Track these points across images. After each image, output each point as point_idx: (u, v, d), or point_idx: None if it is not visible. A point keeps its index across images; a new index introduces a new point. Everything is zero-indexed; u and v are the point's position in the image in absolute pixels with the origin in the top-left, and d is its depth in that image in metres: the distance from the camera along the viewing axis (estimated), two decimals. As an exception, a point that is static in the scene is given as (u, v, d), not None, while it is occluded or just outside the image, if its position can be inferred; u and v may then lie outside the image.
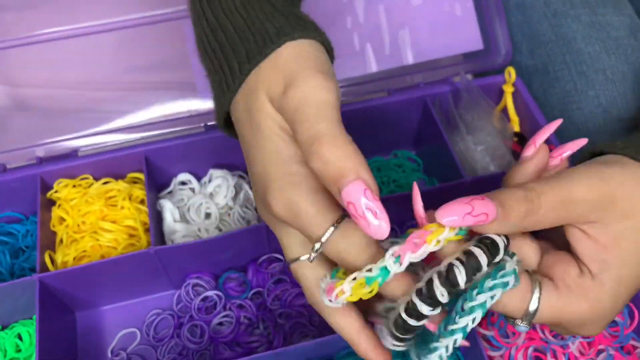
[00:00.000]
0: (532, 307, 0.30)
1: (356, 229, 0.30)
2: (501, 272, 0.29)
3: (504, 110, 0.63)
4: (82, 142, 0.59)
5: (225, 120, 0.37)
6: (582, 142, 0.35)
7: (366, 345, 0.33)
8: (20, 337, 0.54)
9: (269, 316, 0.54)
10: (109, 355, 0.55)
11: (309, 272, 0.33)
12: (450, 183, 0.55)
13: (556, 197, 0.30)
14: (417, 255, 0.28)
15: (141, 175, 0.59)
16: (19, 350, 0.54)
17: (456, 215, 0.28)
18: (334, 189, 0.28)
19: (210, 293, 0.55)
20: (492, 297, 0.29)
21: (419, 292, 0.28)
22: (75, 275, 0.51)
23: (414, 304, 0.28)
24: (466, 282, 0.28)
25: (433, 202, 0.58)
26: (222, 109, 0.35)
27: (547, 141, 0.60)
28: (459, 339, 0.29)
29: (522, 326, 0.31)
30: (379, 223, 0.27)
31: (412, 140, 0.68)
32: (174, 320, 0.55)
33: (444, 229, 0.28)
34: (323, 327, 0.54)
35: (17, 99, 0.62)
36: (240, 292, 0.56)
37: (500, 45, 0.65)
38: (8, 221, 0.60)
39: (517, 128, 0.63)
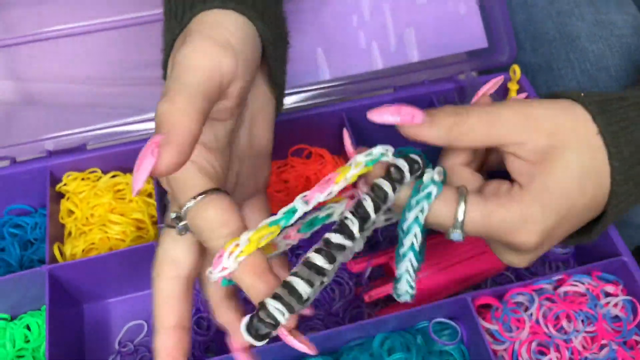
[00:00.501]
0: (460, 214, 0.32)
1: (220, 205, 0.30)
2: (422, 186, 0.32)
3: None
4: (90, 135, 0.60)
5: None
6: (498, 79, 0.39)
7: (161, 345, 0.33)
8: (28, 328, 0.55)
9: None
10: (117, 346, 0.55)
11: (169, 244, 0.34)
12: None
13: (482, 114, 0.33)
14: (324, 195, 0.30)
15: (149, 169, 0.59)
16: (27, 341, 0.54)
17: (385, 114, 0.33)
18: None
19: (217, 286, 0.56)
20: (421, 211, 0.31)
21: (334, 230, 0.30)
22: (84, 266, 0.52)
23: (330, 242, 0.29)
24: (376, 212, 0.31)
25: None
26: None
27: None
28: (413, 258, 0.32)
29: (455, 234, 0.32)
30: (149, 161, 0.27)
31: (417, 137, 0.68)
32: (181, 312, 0.56)
33: (349, 168, 0.31)
34: (329, 321, 0.55)
35: (26, 94, 0.63)
36: (247, 285, 0.57)
37: (504, 44, 0.66)
38: (17, 214, 0.61)
39: (521, 125, 0.63)
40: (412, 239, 0.32)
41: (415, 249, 0.32)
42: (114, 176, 0.58)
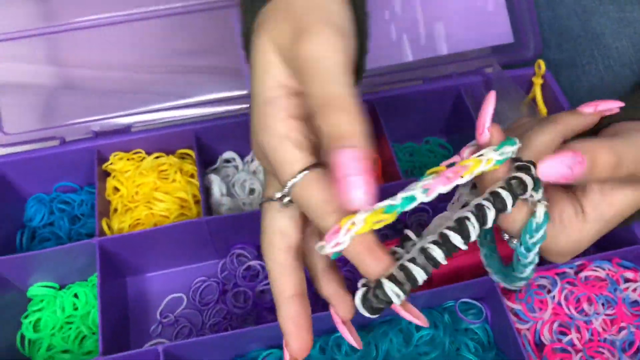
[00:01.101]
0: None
1: (325, 179, 0.29)
2: (535, 226, 0.33)
3: (533, 102, 0.67)
4: (135, 119, 0.63)
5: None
6: (618, 103, 0.37)
7: (286, 313, 0.33)
8: (76, 297, 0.58)
9: (310, 286, 0.58)
10: (158, 317, 0.58)
11: (275, 217, 0.33)
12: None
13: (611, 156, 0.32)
14: (447, 189, 0.29)
15: (190, 152, 0.62)
16: (76, 309, 0.58)
17: (554, 174, 0.31)
18: (328, 151, 0.28)
19: (254, 262, 0.59)
20: (536, 250, 0.34)
21: (453, 229, 0.30)
22: (131, 240, 0.55)
23: (449, 241, 0.30)
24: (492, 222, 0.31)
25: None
26: (244, 38, 0.36)
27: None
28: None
29: (519, 249, 0.34)
30: (359, 192, 0.27)
31: (443, 128, 0.71)
32: (219, 287, 0.59)
33: (479, 163, 0.30)
34: (359, 298, 0.58)
35: (68, 80, 0.66)
36: (281, 263, 0.60)
37: (530, 40, 0.68)
38: (64, 191, 0.64)
39: (545, 118, 0.66)
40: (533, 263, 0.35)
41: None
42: (157, 157, 0.62)
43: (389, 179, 0.63)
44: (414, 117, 0.68)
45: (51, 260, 0.56)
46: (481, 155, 0.30)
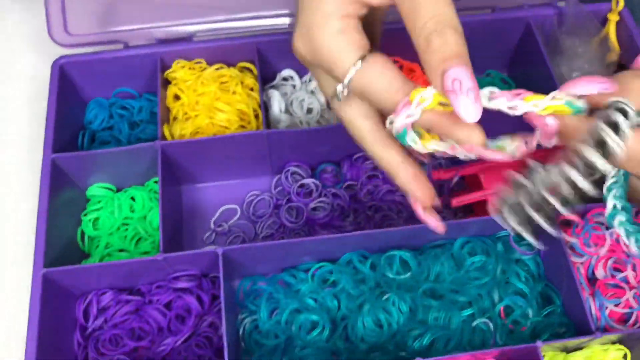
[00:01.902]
0: None
1: (384, 62, 0.31)
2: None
3: (605, 39, 0.64)
4: (197, 27, 0.62)
5: None
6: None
7: (405, 175, 0.35)
8: (133, 199, 0.60)
9: (361, 207, 0.59)
10: (212, 226, 0.60)
11: (351, 108, 0.35)
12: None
13: None
14: (507, 103, 0.31)
15: (251, 65, 0.62)
16: (132, 211, 0.59)
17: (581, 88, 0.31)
18: (440, 68, 0.29)
19: (308, 181, 0.60)
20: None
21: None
22: (192, 147, 0.56)
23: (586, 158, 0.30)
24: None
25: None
26: None
27: None
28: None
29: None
30: (476, 104, 0.29)
31: (507, 62, 0.69)
32: (272, 201, 0.60)
33: (543, 96, 0.31)
34: (412, 222, 0.58)
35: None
36: (335, 183, 0.60)
37: (608, -26, 0.65)
38: (123, 97, 0.65)
39: (615, 57, 0.63)
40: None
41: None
42: (218, 68, 0.61)
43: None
44: (478, 47, 0.66)
45: (111, 162, 0.57)
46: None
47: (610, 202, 0.35)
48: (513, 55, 0.68)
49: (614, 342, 0.50)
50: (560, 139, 0.34)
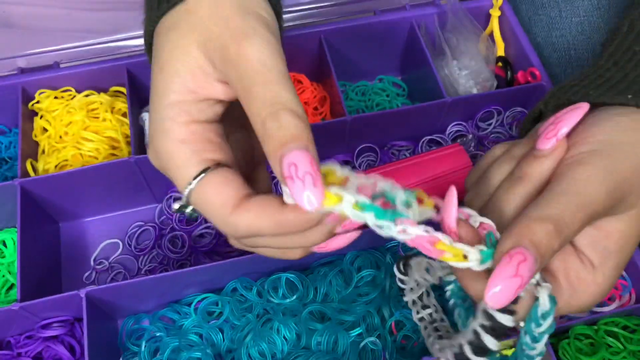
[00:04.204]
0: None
1: (223, 180, 0.28)
2: (541, 314, 0.28)
3: (490, 35, 0.63)
4: (64, 54, 0.59)
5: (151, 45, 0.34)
6: (582, 111, 0.31)
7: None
8: (4, 244, 0.55)
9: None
10: (92, 264, 0.56)
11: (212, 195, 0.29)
12: (431, 102, 0.56)
13: (582, 215, 0.29)
14: (413, 242, 0.27)
15: (124, 89, 0.58)
16: (3, 256, 0.55)
17: (507, 296, 0.27)
18: (277, 153, 0.27)
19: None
20: (544, 341, 0.29)
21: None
22: (57, 181, 0.52)
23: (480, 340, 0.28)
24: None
25: (415, 120, 0.59)
26: (147, 29, 0.33)
27: (529, 67, 0.59)
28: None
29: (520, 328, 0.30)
30: (315, 190, 0.26)
31: (398, 65, 0.67)
32: (156, 231, 0.56)
33: (459, 259, 0.27)
34: (301, 240, 0.55)
35: (2, 16, 0.61)
36: (221, 206, 0.57)
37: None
38: (-10, 133, 0.60)
39: (501, 52, 0.63)
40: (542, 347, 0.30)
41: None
42: (87, 95, 0.58)
43: (337, 116, 0.60)
44: (365, 53, 0.65)
45: (-26, 205, 0.53)
46: (466, 253, 0.27)
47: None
48: (402, 59, 0.66)
49: (511, 347, 0.48)
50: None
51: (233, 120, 0.34)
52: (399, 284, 0.39)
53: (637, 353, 0.47)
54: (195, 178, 0.29)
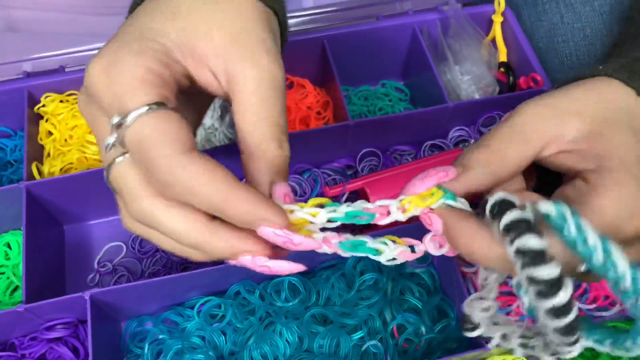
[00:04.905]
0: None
1: (182, 121, 0.26)
2: (573, 227, 0.24)
3: (492, 40, 0.64)
4: (69, 58, 0.59)
5: None
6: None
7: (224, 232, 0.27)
8: (9, 246, 0.56)
9: (252, 233, 0.56)
10: (96, 266, 0.56)
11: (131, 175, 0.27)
12: (434, 107, 0.56)
13: (507, 132, 0.29)
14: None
15: (128, 93, 0.59)
16: (8, 258, 0.55)
17: (419, 183, 0.29)
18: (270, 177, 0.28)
19: (195, 209, 0.56)
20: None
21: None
22: (62, 184, 0.52)
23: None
24: None
25: (417, 125, 0.59)
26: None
27: (531, 72, 0.59)
28: None
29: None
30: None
31: (401, 70, 0.68)
32: (159, 234, 0.57)
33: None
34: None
35: (8, 20, 0.62)
36: (225, 209, 0.57)
37: (490, -24, 0.65)
38: (-3, 136, 0.61)
39: (503, 58, 0.63)
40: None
41: None
42: (92, 99, 0.58)
43: (340, 121, 0.60)
44: (368, 58, 0.65)
45: (-21, 208, 0.53)
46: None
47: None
48: (405, 64, 0.67)
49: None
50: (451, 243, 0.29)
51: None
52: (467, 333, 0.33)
53: (638, 358, 0.48)
54: (149, 106, 0.25)
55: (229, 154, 0.54)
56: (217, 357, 0.48)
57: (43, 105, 0.57)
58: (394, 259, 0.29)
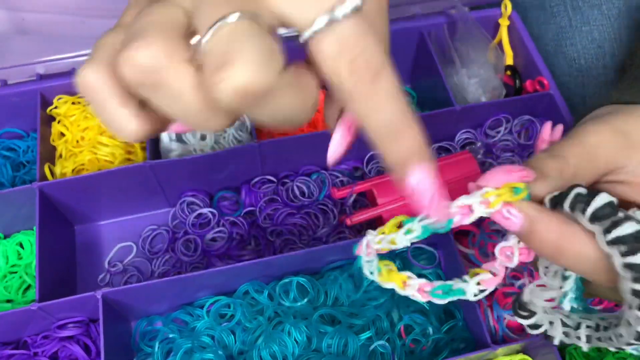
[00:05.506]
0: None
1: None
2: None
3: (499, 44, 0.64)
4: (81, 61, 0.60)
5: None
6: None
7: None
8: (22, 246, 0.56)
9: (261, 233, 0.56)
10: (106, 266, 0.57)
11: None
12: (441, 110, 0.57)
13: (580, 151, 0.29)
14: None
15: (139, 95, 0.60)
16: (20, 258, 0.56)
17: (500, 181, 0.28)
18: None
19: (205, 210, 0.57)
20: None
21: None
22: (73, 185, 0.53)
23: None
24: None
25: (424, 128, 0.60)
26: None
27: (537, 76, 0.60)
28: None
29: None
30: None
31: (408, 73, 0.68)
32: (169, 235, 0.57)
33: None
34: (313, 245, 0.56)
35: (18, 23, 0.63)
36: (234, 210, 0.58)
37: (496, -21, 0.65)
38: (9, 137, 0.61)
39: (510, 61, 0.63)
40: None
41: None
42: (104, 101, 0.59)
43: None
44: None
45: (-7, 208, 0.54)
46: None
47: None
48: (412, 67, 0.67)
49: (518, 352, 0.49)
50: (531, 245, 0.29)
51: None
52: (529, 330, 0.33)
53: (643, 359, 0.48)
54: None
55: (238, 157, 0.55)
56: (227, 356, 0.49)
57: (55, 107, 0.58)
58: (481, 291, 0.29)
